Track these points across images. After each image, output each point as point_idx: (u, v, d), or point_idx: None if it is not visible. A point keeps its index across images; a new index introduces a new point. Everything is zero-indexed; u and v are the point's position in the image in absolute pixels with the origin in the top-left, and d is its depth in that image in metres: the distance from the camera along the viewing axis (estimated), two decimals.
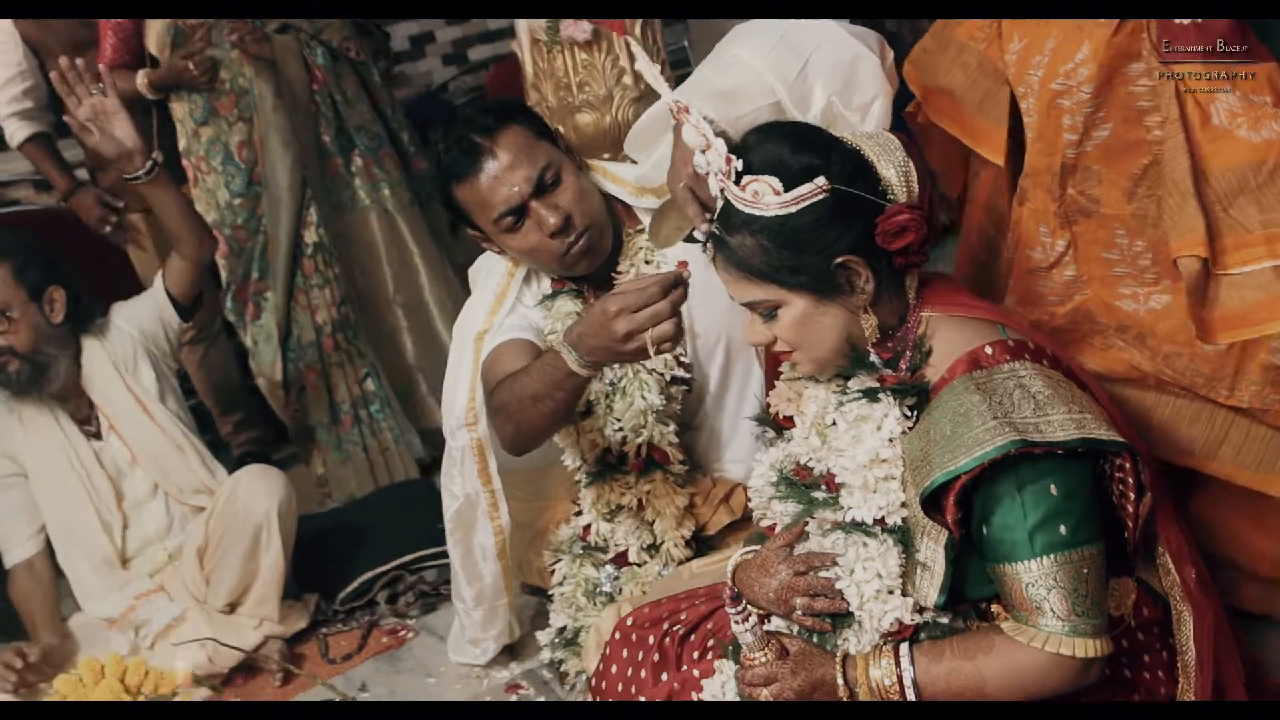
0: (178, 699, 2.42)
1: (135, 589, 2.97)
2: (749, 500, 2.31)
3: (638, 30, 3.21)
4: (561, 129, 3.79)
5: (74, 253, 3.19)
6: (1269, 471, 2.04)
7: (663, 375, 2.21)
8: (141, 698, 2.41)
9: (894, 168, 1.66)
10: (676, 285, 1.73)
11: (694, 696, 1.91)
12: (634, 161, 2.25)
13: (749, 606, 1.74)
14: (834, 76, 1.84)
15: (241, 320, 3.76)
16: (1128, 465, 1.62)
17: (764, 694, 1.71)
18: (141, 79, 3.42)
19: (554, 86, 3.17)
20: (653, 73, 1.63)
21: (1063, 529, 1.56)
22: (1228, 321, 1.86)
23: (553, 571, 2.53)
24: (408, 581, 3.16)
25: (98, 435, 3.01)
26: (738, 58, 1.87)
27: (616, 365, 2.19)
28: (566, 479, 2.55)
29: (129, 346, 3.03)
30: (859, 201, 1.61)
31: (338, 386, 3.76)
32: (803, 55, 1.77)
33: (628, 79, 3.39)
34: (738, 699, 1.81)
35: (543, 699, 2.60)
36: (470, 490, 2.39)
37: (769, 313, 1.68)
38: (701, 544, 2.33)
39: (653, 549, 2.31)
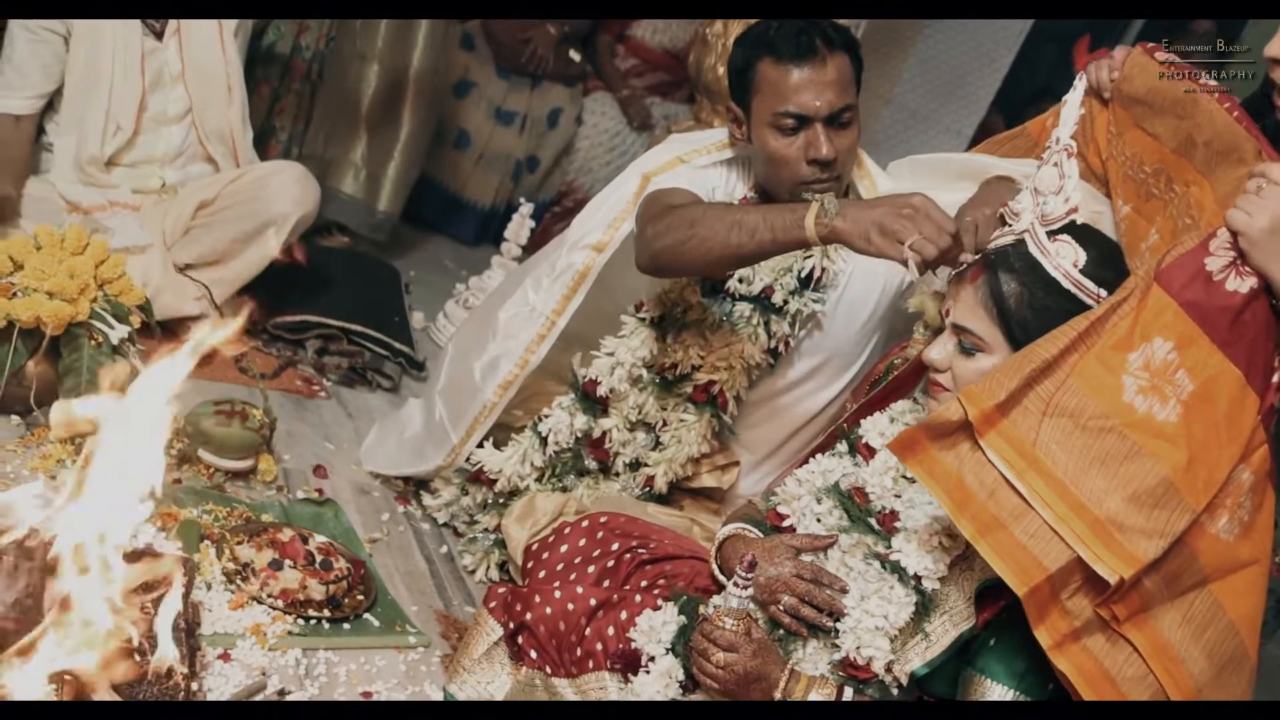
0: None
1: (115, 195, 2.84)
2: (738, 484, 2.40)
3: None
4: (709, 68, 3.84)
5: None
6: None
7: (770, 340, 2.26)
8: (101, 294, 2.31)
9: None
10: (958, 242, 1.75)
11: (622, 616, 1.96)
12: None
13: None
14: None
15: None
16: None
17: (718, 656, 1.77)
18: None
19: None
20: (1073, 115, 1.70)
21: (1050, 684, 1.69)
22: (920, 456, 1.61)
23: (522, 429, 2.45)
24: (344, 347, 3.11)
25: (158, 36, 2.84)
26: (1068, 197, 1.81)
27: (747, 306, 2.25)
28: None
29: None
30: None
31: (284, 111, 3.56)
32: None
33: None
34: (668, 639, 1.88)
35: (427, 526, 2.60)
36: (541, 306, 2.35)
37: (970, 348, 1.77)
38: (669, 488, 2.38)
39: (635, 467, 2.36)
